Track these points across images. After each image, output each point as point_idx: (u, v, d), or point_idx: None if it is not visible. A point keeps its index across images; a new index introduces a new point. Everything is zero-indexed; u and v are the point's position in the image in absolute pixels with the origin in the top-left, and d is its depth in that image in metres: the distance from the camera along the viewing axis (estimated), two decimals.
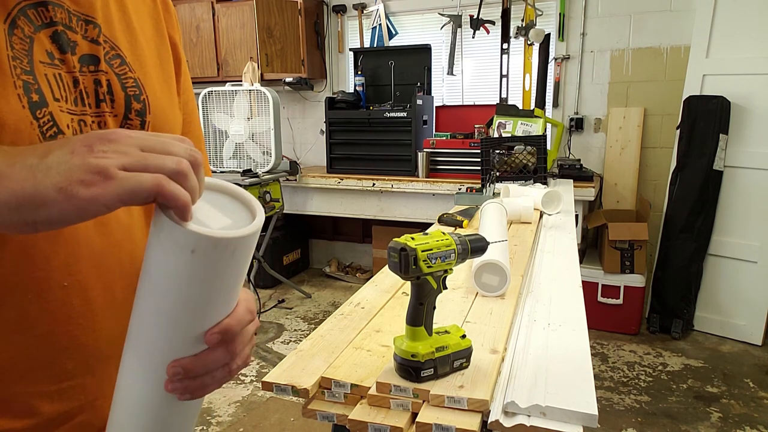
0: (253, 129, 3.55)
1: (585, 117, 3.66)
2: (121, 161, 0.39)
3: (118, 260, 0.59)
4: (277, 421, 2.36)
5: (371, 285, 1.19)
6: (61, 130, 0.54)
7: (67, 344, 0.56)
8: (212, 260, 0.43)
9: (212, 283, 0.44)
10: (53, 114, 0.53)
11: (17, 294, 0.52)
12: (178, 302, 0.44)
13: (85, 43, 0.58)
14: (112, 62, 0.60)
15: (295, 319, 3.52)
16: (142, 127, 0.62)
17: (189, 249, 0.41)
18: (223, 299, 0.47)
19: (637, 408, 2.44)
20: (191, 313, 0.46)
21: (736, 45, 3.01)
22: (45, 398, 0.55)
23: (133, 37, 0.64)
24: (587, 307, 1.03)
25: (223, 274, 0.45)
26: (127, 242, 0.60)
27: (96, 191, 0.38)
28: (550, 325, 0.95)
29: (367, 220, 3.94)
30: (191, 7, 4.20)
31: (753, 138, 3.00)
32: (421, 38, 4.04)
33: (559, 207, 1.92)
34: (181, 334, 0.46)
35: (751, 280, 3.02)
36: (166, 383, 0.47)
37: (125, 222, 0.60)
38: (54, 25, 0.55)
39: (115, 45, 0.61)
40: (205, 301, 0.46)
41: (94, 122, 0.58)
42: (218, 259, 0.43)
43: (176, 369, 0.47)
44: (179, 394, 0.48)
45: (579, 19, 3.57)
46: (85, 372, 0.57)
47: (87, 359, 0.57)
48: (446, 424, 0.66)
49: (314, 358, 0.83)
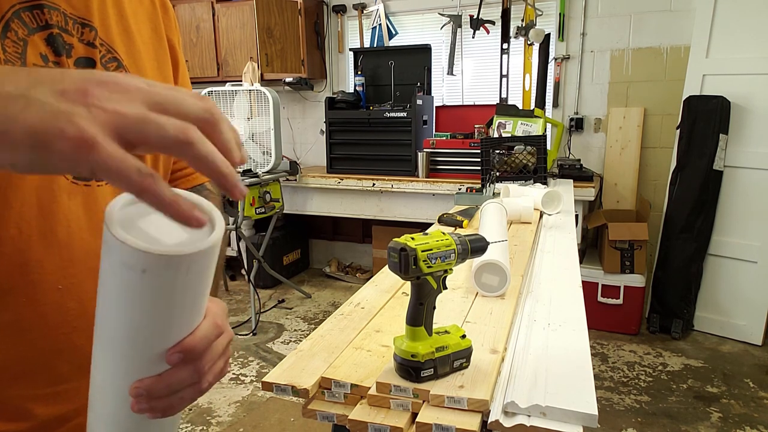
0: (253, 129, 3.55)
1: (585, 117, 3.66)
2: (115, 123, 0.33)
3: None
4: (277, 421, 2.36)
5: (371, 285, 1.19)
6: None
7: (62, 347, 0.55)
8: (167, 279, 0.40)
9: (169, 302, 0.42)
10: None
11: (11, 298, 0.52)
12: (134, 322, 0.42)
13: (81, 46, 0.57)
14: (108, 66, 0.60)
15: (295, 319, 3.52)
16: None
17: (140, 269, 0.38)
18: (183, 317, 0.45)
19: (637, 408, 2.44)
20: (148, 333, 0.43)
21: (736, 45, 3.00)
22: (40, 401, 0.55)
23: (131, 41, 0.63)
24: (587, 307, 1.03)
25: (180, 292, 0.42)
26: None
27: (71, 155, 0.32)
28: (550, 325, 0.95)
29: (367, 220, 3.94)
30: (191, 7, 4.20)
31: (753, 138, 3.00)
32: (421, 38, 4.04)
33: (559, 207, 1.92)
34: (139, 354, 0.44)
35: (751, 280, 3.02)
36: (132, 404, 0.45)
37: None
38: (49, 28, 0.54)
39: (111, 48, 0.61)
40: (163, 321, 0.43)
41: None
42: (173, 277, 0.40)
43: (138, 390, 0.44)
44: (148, 414, 0.46)
45: (579, 19, 3.57)
46: (80, 375, 0.56)
47: (82, 362, 0.56)
48: (446, 424, 0.66)
49: (314, 358, 0.82)
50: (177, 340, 0.45)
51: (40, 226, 0.53)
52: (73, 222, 0.55)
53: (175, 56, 0.71)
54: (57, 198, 0.54)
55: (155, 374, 0.45)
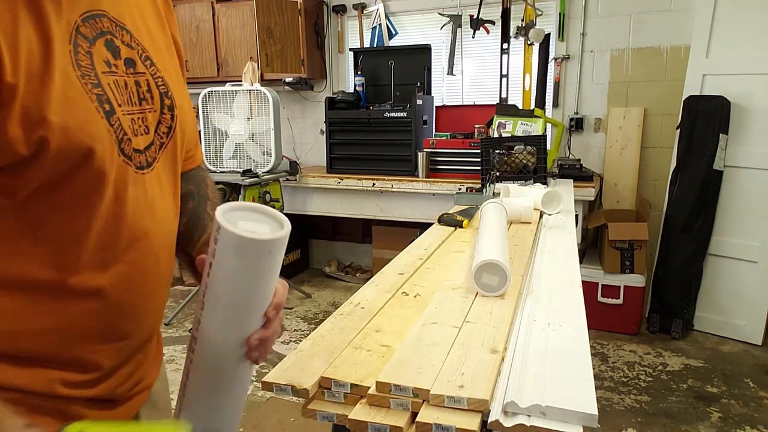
0: (253, 129, 3.55)
1: (585, 117, 3.66)
2: None
3: (163, 239, 0.69)
4: (277, 421, 2.36)
5: (371, 285, 1.19)
6: (126, 133, 0.61)
7: (128, 312, 0.65)
8: (273, 256, 0.60)
9: (273, 272, 0.62)
10: (120, 119, 0.61)
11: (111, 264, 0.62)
12: (254, 290, 0.62)
13: (125, 48, 0.64)
14: (145, 63, 0.66)
15: (295, 319, 3.52)
16: (172, 120, 0.70)
17: (267, 252, 0.59)
18: (274, 284, 0.64)
19: (637, 408, 2.44)
20: (262, 297, 0.63)
21: (736, 45, 3.00)
22: (106, 355, 0.65)
23: (152, 39, 0.69)
24: (587, 307, 1.03)
25: (276, 264, 0.62)
26: (167, 223, 0.70)
27: None
28: (550, 325, 0.95)
29: (367, 220, 3.94)
30: (191, 7, 4.20)
31: (753, 138, 3.00)
32: (421, 38, 4.04)
33: (559, 207, 1.92)
34: (251, 314, 0.63)
35: (751, 280, 3.02)
36: (249, 353, 0.64)
37: (161, 205, 0.68)
38: (105, 35, 0.61)
39: (144, 48, 0.67)
40: (269, 287, 0.63)
41: (139, 118, 0.64)
42: (277, 253, 0.60)
43: (255, 341, 0.64)
44: (258, 360, 0.65)
45: (579, 19, 3.57)
46: (138, 331, 0.68)
47: (139, 322, 0.68)
48: (446, 423, 0.66)
49: (314, 358, 0.83)
50: (270, 301, 0.65)
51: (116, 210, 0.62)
52: (137, 206, 0.65)
53: (179, 50, 0.77)
54: (129, 187, 0.63)
55: (260, 328, 0.64)
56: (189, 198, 0.82)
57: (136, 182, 0.64)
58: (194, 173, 0.85)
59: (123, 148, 0.61)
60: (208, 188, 0.87)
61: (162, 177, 0.69)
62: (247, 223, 0.60)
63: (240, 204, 0.62)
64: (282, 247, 0.61)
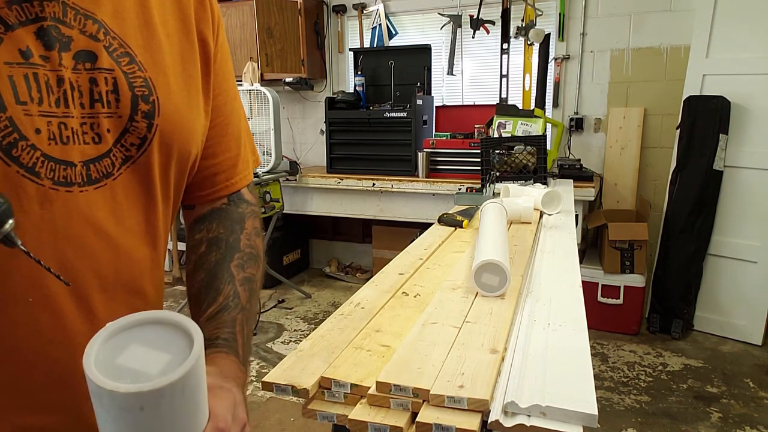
0: (253, 129, 3.54)
1: (585, 117, 3.66)
2: None
3: (96, 273, 0.56)
4: (277, 421, 2.36)
5: (371, 285, 1.19)
6: (24, 136, 0.50)
7: (35, 359, 0.54)
8: (165, 406, 0.41)
9: (170, 424, 0.43)
10: (13, 119, 0.49)
11: None
12: None
13: (83, 39, 0.54)
14: (120, 60, 0.56)
15: (295, 319, 3.52)
16: (149, 129, 0.58)
17: (137, 408, 0.40)
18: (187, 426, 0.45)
19: (637, 408, 2.44)
20: None
21: (736, 45, 3.00)
22: (22, 411, 0.55)
23: (151, 34, 0.60)
24: (587, 307, 1.03)
25: (179, 411, 0.43)
26: (109, 254, 0.56)
27: None
28: (550, 325, 0.95)
29: (367, 220, 3.94)
30: None
31: (753, 138, 3.00)
32: (421, 38, 4.04)
33: (559, 207, 1.92)
34: None
35: (751, 280, 3.01)
36: None
37: (110, 233, 0.56)
38: (39, 21, 0.51)
39: (124, 42, 0.57)
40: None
41: (85, 123, 0.54)
42: (170, 401, 0.41)
43: None
44: None
45: (579, 19, 3.57)
46: (60, 386, 0.56)
47: (61, 373, 0.55)
48: (446, 423, 0.66)
49: (314, 358, 0.82)
50: None
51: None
52: (45, 232, 0.52)
53: (206, 51, 0.67)
54: (25, 207, 0.51)
55: None
56: (214, 247, 0.68)
57: (53, 202, 0.52)
58: (229, 210, 0.71)
59: (11, 153, 0.49)
60: (244, 233, 0.71)
61: (126, 198, 0.58)
62: (140, 349, 0.42)
63: (147, 316, 0.44)
64: (199, 372, 0.43)
